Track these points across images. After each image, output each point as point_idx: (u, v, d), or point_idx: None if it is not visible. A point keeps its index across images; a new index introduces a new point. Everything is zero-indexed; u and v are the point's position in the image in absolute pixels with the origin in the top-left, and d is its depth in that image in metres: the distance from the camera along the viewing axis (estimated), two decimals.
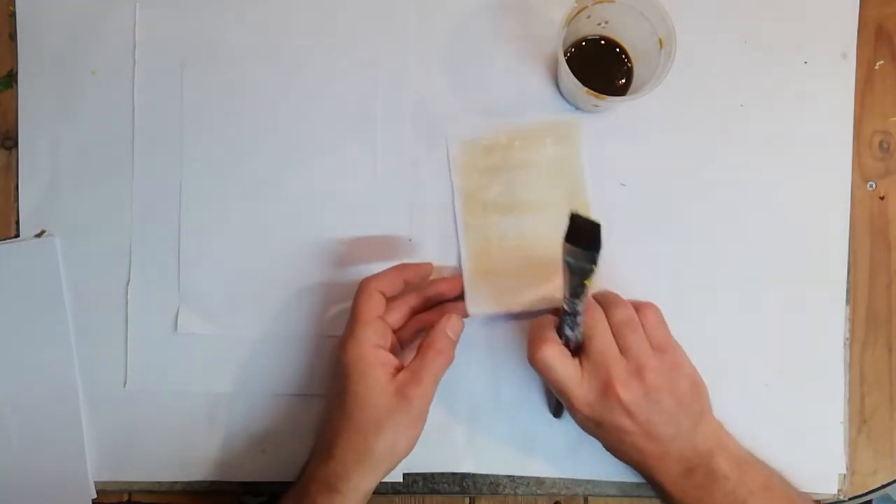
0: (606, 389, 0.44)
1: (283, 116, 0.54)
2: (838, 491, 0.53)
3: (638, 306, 0.47)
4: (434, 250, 0.54)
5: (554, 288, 0.51)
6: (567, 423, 0.52)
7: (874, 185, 0.55)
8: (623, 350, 0.45)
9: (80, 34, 0.55)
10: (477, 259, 0.53)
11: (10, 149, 0.55)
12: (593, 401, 0.45)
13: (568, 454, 0.53)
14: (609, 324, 0.46)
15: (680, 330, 0.48)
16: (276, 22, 0.55)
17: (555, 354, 0.45)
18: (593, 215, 0.40)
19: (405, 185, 0.54)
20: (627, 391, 0.44)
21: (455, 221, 0.53)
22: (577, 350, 0.46)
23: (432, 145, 0.54)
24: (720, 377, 0.51)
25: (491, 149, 0.54)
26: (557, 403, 0.52)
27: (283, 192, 0.54)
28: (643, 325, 0.46)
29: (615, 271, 0.52)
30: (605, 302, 0.47)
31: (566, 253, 0.41)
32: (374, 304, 0.47)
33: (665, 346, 0.47)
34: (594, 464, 0.53)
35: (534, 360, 0.46)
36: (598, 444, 0.49)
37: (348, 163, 0.54)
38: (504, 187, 0.53)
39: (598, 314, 0.46)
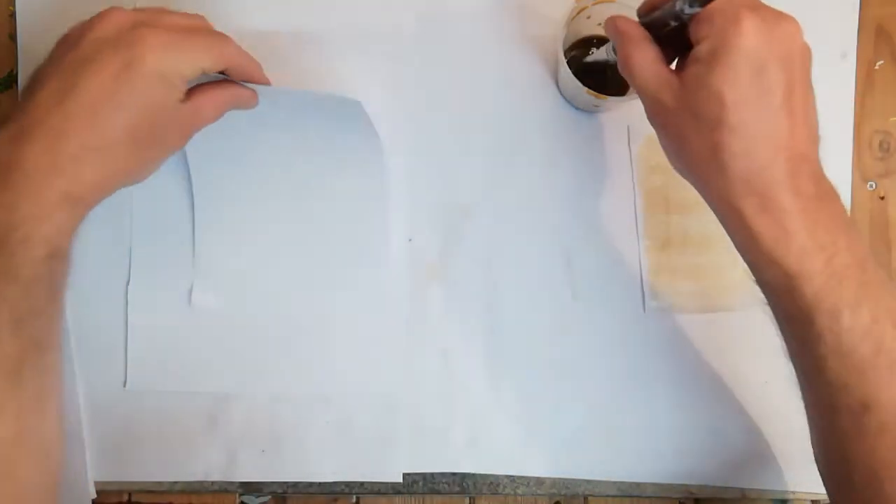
0: None
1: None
2: None
3: None
4: (434, 250, 0.54)
5: (739, 295, 0.52)
6: (566, 423, 0.52)
7: (874, 185, 0.55)
8: None
9: None
10: (657, 258, 0.53)
11: None
12: None
13: (568, 454, 0.53)
14: None
15: (679, 329, 0.48)
16: (274, 22, 0.55)
17: None
18: None
19: (405, 186, 0.54)
20: None
21: (635, 219, 0.53)
22: None
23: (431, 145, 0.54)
24: (720, 377, 0.51)
25: None
26: None
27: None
28: None
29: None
30: None
31: None
32: None
33: None
34: (594, 464, 0.53)
35: None
36: (597, 444, 0.50)
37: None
38: (688, 185, 0.53)
39: None
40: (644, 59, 0.38)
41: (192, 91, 0.40)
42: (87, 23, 0.38)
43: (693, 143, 0.37)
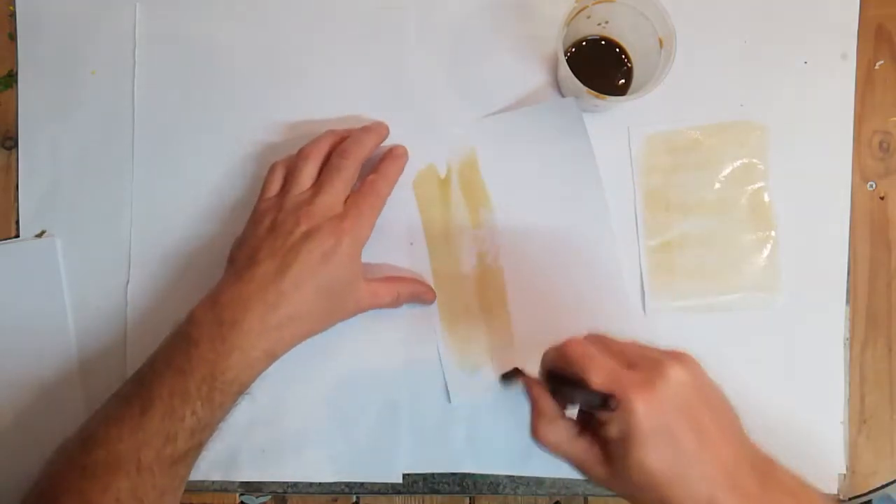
0: None
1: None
2: (838, 491, 0.53)
3: None
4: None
5: (739, 296, 0.52)
6: None
7: (874, 185, 0.55)
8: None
9: (80, 34, 0.55)
10: (657, 259, 0.53)
11: (10, 149, 0.55)
12: None
13: None
14: None
15: (679, 330, 0.48)
16: (275, 22, 0.55)
17: None
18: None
19: (404, 186, 0.54)
20: None
21: (635, 219, 0.53)
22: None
23: (432, 145, 0.54)
24: (719, 377, 0.51)
25: (676, 146, 0.54)
26: None
27: None
28: None
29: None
30: None
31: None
32: None
33: None
34: None
35: None
36: None
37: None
38: (688, 186, 0.52)
39: None
40: (558, 437, 0.40)
41: (376, 277, 0.50)
42: (295, 216, 0.47)
43: (641, 497, 0.39)
